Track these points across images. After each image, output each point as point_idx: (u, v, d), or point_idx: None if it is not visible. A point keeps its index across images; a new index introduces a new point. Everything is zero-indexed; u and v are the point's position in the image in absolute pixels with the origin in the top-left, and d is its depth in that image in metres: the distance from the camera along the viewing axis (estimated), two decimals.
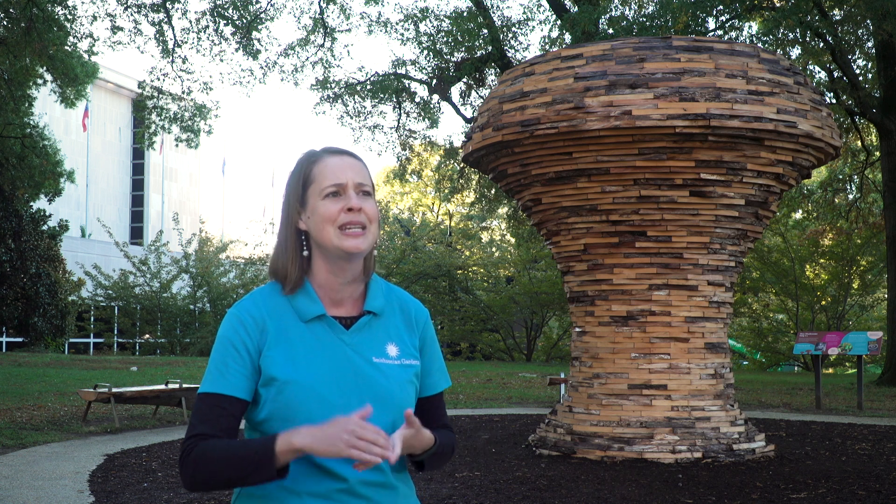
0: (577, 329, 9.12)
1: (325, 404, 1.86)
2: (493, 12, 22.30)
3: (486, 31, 21.12)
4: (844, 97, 20.55)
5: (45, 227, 28.23)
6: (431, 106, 23.72)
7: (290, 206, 1.97)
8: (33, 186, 26.82)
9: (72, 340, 34.17)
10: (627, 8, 20.00)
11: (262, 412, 1.89)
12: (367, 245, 1.94)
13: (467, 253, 36.79)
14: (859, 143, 23.35)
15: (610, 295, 8.72)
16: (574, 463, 8.17)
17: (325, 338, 1.92)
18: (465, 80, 22.66)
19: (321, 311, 1.93)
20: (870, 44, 20.73)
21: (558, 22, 20.33)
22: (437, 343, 2.12)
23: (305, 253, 1.97)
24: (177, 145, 23.75)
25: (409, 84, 23.40)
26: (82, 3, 23.96)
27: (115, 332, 33.97)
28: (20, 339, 28.79)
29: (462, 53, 22.14)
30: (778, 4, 18.20)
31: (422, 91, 23.85)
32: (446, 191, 30.77)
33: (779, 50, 18.30)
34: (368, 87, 22.85)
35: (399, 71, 22.90)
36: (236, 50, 21.65)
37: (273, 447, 1.76)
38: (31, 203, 28.14)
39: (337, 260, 1.94)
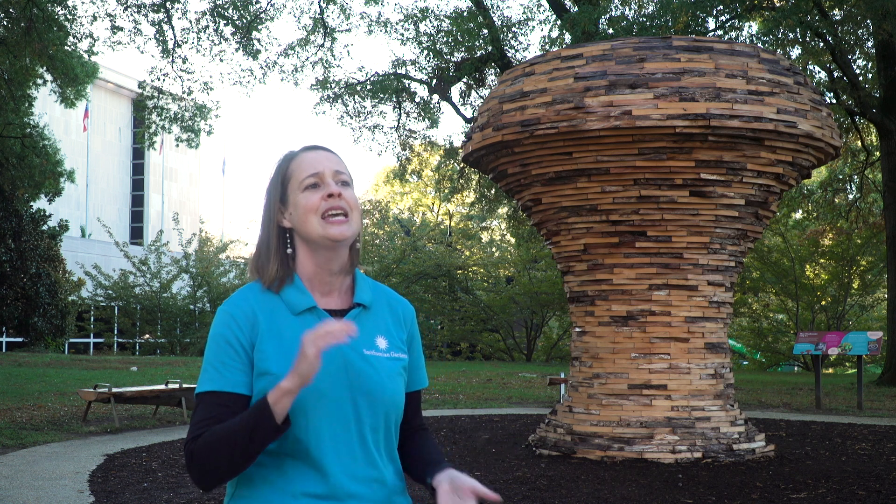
0: (577, 329, 9.12)
1: (318, 396, 1.87)
2: (493, 12, 22.30)
3: (486, 31, 21.12)
4: (844, 97, 20.54)
5: (45, 227, 28.23)
6: (431, 106, 23.72)
7: (271, 206, 2.00)
8: (33, 186, 26.82)
9: (72, 340, 34.16)
10: (627, 8, 19.99)
11: None
12: (352, 232, 1.95)
13: (467, 253, 36.77)
14: (859, 143, 23.35)
15: (610, 295, 8.72)
16: (574, 463, 8.17)
17: None
18: (465, 80, 22.66)
19: (311, 303, 1.95)
20: (870, 44, 20.73)
21: (558, 22, 20.32)
22: (420, 343, 2.13)
23: (290, 251, 1.98)
24: (177, 145, 23.76)
25: (409, 84, 23.40)
26: (82, 3, 23.97)
27: (115, 332, 33.97)
28: (20, 339, 28.79)
29: (462, 53, 22.14)
30: (778, 4, 18.20)
31: (422, 91, 23.86)
32: (446, 191, 30.77)
33: (779, 50, 18.30)
34: (368, 87, 22.85)
35: (399, 71, 22.90)
36: (236, 50, 21.65)
37: (265, 400, 1.77)
38: (31, 203, 28.14)
39: (323, 251, 1.96)
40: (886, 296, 21.03)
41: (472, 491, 1.86)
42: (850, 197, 25.67)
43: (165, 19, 20.96)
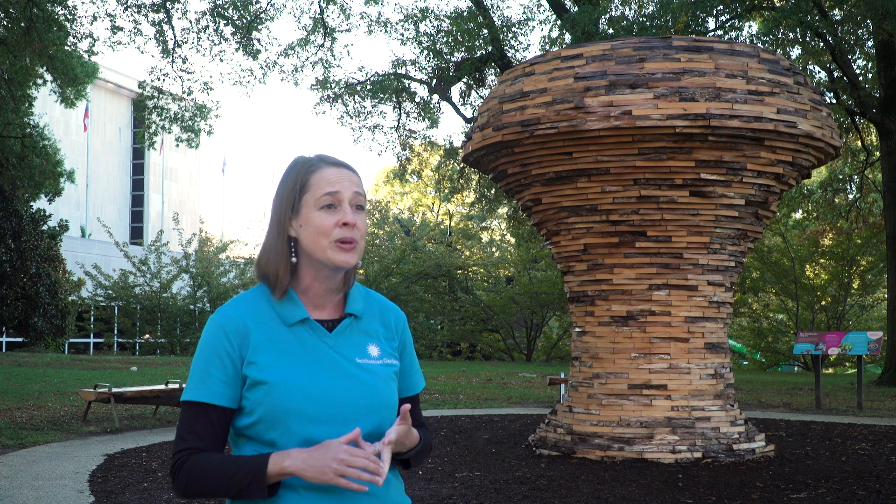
0: (577, 329, 9.12)
1: (315, 403, 1.88)
2: (493, 12, 22.30)
3: (486, 31, 21.12)
4: (844, 97, 20.55)
5: (45, 227, 28.23)
6: (431, 106, 23.72)
7: (282, 212, 1.98)
8: (33, 186, 26.84)
9: (72, 340, 34.16)
10: (627, 8, 20.00)
11: (250, 417, 1.90)
12: (357, 260, 1.97)
13: (467, 253, 36.77)
14: (859, 143, 23.35)
15: (610, 295, 8.72)
16: (574, 463, 8.17)
17: (308, 341, 1.94)
18: (465, 80, 22.65)
19: (304, 314, 1.95)
20: (870, 44, 20.73)
21: (558, 22, 20.33)
22: (413, 346, 2.15)
23: (294, 260, 1.98)
24: (177, 145, 23.76)
25: (409, 84, 23.40)
26: (82, 3, 23.95)
27: (115, 332, 33.97)
28: (20, 339, 28.79)
29: (462, 53, 22.13)
30: (778, 4, 18.20)
31: (422, 91, 23.86)
32: (446, 191, 30.76)
33: (779, 50, 18.30)
34: (368, 87, 22.85)
35: (399, 71, 22.90)
36: (236, 50, 21.65)
37: (265, 469, 1.81)
38: (31, 203, 28.14)
39: (324, 270, 1.97)
40: (886, 296, 21.03)
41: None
42: (850, 197, 25.67)
43: (165, 19, 20.96)
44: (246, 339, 1.91)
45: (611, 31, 17.51)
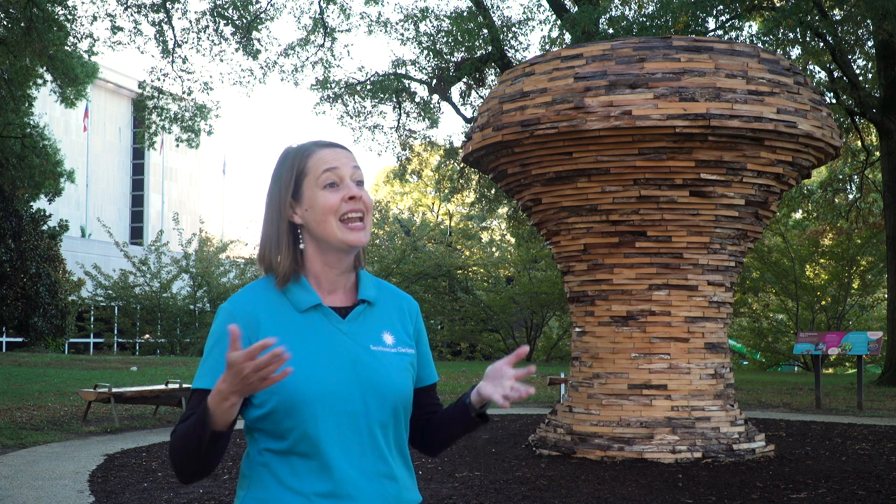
0: (577, 329, 9.12)
1: (326, 393, 1.87)
2: (493, 12, 22.29)
3: (486, 31, 21.11)
4: (844, 97, 20.55)
5: (45, 227, 28.23)
6: (431, 106, 23.72)
7: (281, 201, 1.97)
8: (33, 186, 26.84)
9: (72, 340, 34.16)
10: (627, 8, 20.00)
11: (263, 408, 1.88)
12: (368, 237, 1.97)
13: (467, 253, 36.77)
14: (859, 143, 23.35)
15: (610, 295, 8.72)
16: (574, 463, 8.17)
17: (321, 327, 1.93)
18: (465, 80, 22.65)
19: (317, 300, 1.94)
20: (870, 44, 20.73)
21: (558, 22, 20.33)
22: (427, 337, 2.14)
23: (302, 246, 1.98)
24: (177, 145, 23.77)
25: (409, 84, 23.39)
26: (82, 3, 23.99)
27: (115, 332, 33.97)
28: (20, 339, 28.79)
29: (462, 53, 22.13)
30: (778, 4, 18.20)
31: (422, 91, 23.86)
32: (446, 191, 30.78)
33: (779, 50, 18.30)
34: (368, 87, 22.84)
35: (399, 71, 22.89)
36: (236, 50, 21.65)
37: (206, 402, 1.76)
38: (31, 203, 28.15)
39: (334, 252, 1.96)
40: (886, 296, 21.03)
41: (507, 365, 1.97)
42: (850, 197, 25.67)
43: (165, 19, 20.96)
44: (256, 325, 1.90)
45: (611, 31, 17.50)
